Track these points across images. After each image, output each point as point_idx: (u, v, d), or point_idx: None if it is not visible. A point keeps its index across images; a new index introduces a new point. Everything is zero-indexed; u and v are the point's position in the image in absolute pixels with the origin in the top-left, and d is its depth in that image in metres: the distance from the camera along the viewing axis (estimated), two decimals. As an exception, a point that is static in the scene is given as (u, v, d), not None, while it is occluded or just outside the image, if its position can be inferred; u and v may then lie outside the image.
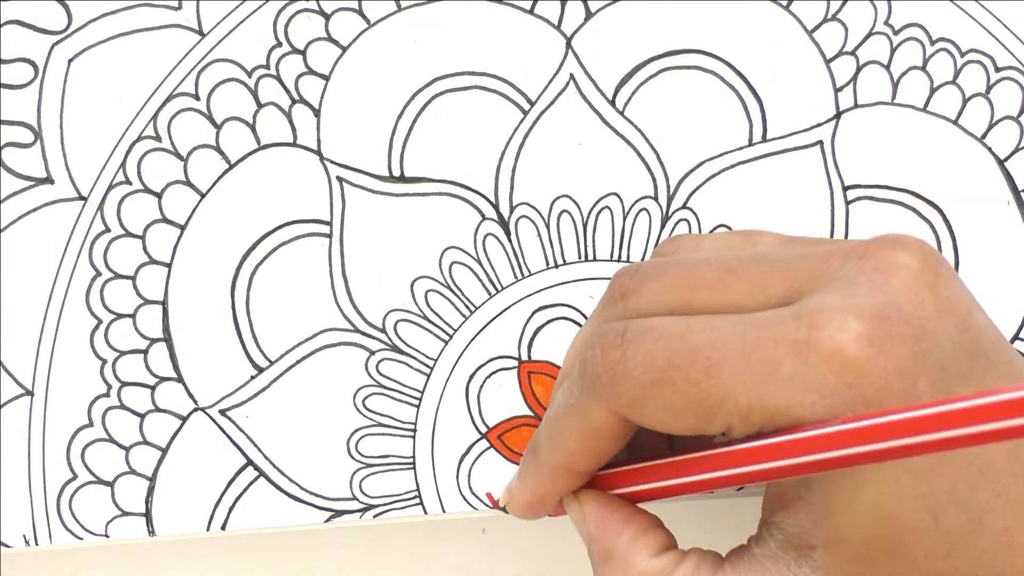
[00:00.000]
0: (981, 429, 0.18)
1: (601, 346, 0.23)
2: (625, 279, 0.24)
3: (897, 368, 0.20)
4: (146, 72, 0.29)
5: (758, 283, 0.22)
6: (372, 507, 0.30)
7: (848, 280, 0.21)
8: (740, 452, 0.21)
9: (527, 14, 0.30)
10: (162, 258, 0.30)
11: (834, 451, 0.20)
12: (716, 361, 0.21)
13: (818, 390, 0.20)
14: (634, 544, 0.24)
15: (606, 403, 0.23)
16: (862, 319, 0.20)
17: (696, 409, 0.21)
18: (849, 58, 0.31)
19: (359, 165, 0.30)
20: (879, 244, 0.22)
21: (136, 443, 0.30)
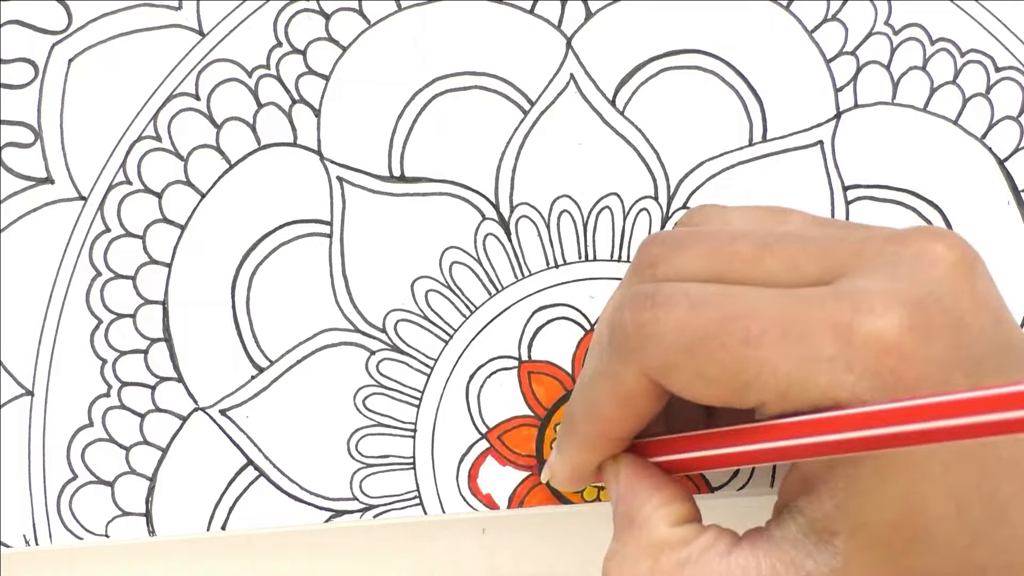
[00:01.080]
0: (1018, 415, 0.18)
1: (631, 307, 0.22)
2: (655, 247, 0.24)
3: (936, 357, 0.20)
4: (146, 72, 0.29)
5: (793, 261, 0.22)
6: (372, 507, 0.30)
7: (889, 265, 0.21)
8: (780, 426, 0.21)
9: (527, 14, 0.30)
10: (162, 258, 0.30)
11: (875, 430, 0.19)
12: (755, 332, 0.20)
13: (860, 372, 0.20)
14: (657, 512, 0.24)
15: (637, 366, 0.22)
16: (904, 306, 0.20)
17: (731, 381, 0.21)
18: (849, 58, 0.31)
19: (359, 165, 0.30)
20: (918, 233, 0.22)
21: (136, 443, 0.30)
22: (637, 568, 0.23)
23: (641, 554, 0.24)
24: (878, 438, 0.20)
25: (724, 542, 0.23)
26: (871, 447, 0.20)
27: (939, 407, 0.19)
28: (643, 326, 0.22)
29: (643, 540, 0.24)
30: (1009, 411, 0.18)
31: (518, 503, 0.30)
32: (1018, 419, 0.18)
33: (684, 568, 0.23)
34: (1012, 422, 0.18)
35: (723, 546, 0.23)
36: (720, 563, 0.22)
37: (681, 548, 0.23)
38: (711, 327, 0.21)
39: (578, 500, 0.30)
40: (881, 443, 0.20)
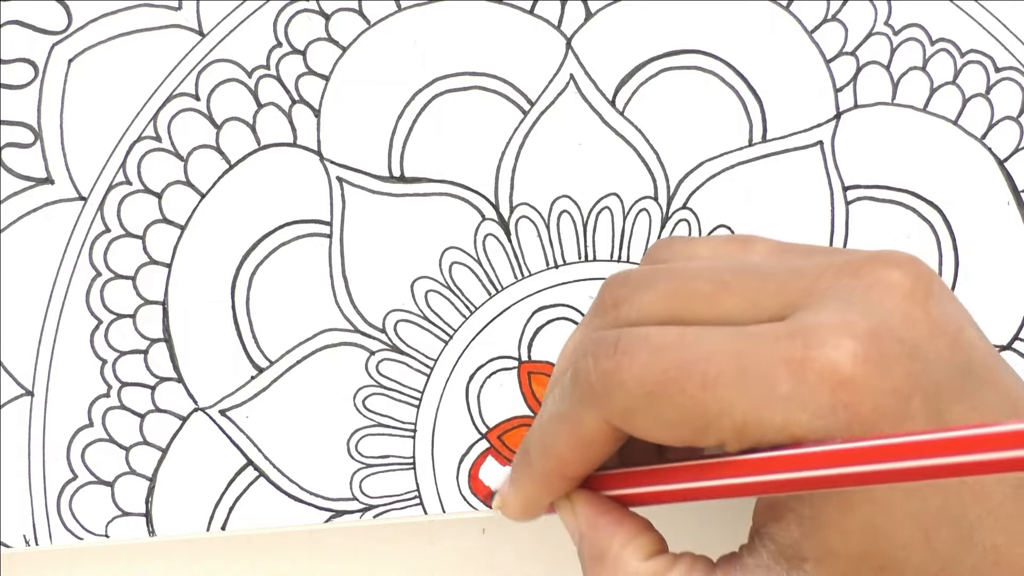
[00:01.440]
0: (979, 459, 0.18)
1: (594, 355, 0.23)
2: (616, 287, 0.24)
3: (892, 387, 0.20)
4: (146, 72, 0.29)
5: (751, 298, 0.22)
6: (372, 507, 0.30)
7: (841, 298, 0.21)
8: (736, 463, 0.21)
9: (527, 14, 0.30)
10: (162, 258, 0.30)
11: (829, 469, 0.20)
12: (712, 376, 0.21)
13: (814, 409, 0.20)
14: (626, 547, 0.24)
15: (599, 412, 0.23)
16: (857, 338, 0.20)
17: (691, 423, 0.21)
18: (849, 58, 0.31)
19: (359, 165, 0.30)
20: (872, 262, 0.22)
21: (136, 443, 0.30)
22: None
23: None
24: (829, 478, 0.20)
25: (698, 571, 0.23)
26: (822, 486, 0.20)
27: (892, 448, 0.19)
28: (606, 374, 0.22)
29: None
30: (966, 454, 0.18)
31: (518, 503, 0.30)
32: (977, 463, 0.18)
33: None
34: (971, 465, 0.18)
35: (697, 575, 0.23)
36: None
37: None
38: (670, 373, 0.21)
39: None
40: (832, 482, 0.20)
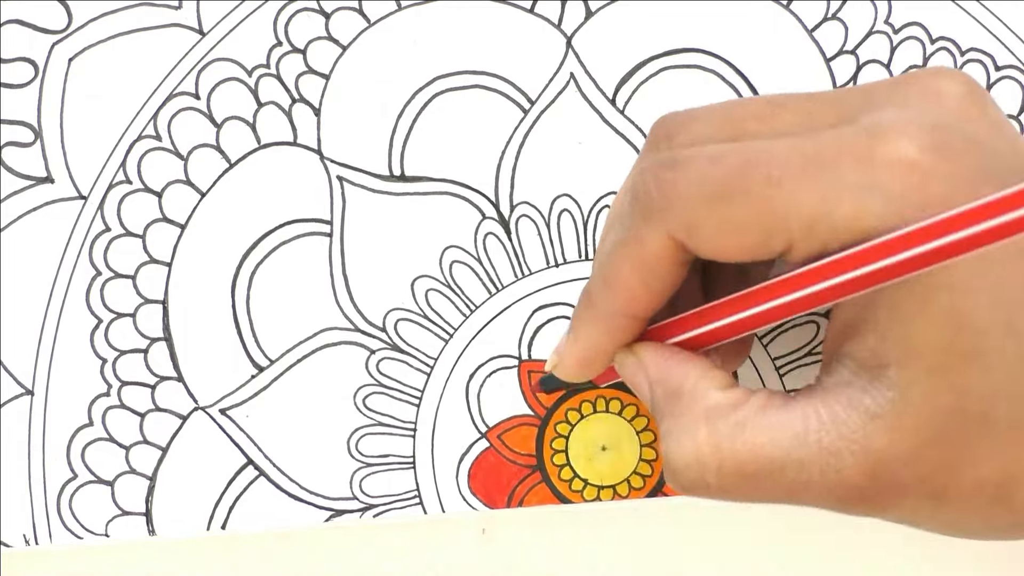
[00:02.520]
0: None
1: (653, 170, 0.22)
2: (667, 121, 0.24)
3: (962, 174, 0.20)
4: (146, 71, 0.29)
5: (807, 111, 0.22)
6: (372, 507, 0.30)
7: (899, 103, 0.21)
8: (816, 270, 0.21)
9: (527, 13, 0.30)
10: (162, 257, 0.30)
11: (909, 251, 0.19)
12: (776, 174, 0.20)
13: (885, 195, 0.20)
14: (701, 382, 0.24)
15: (662, 226, 0.22)
16: (922, 128, 0.20)
17: (757, 225, 0.21)
18: (849, 57, 0.31)
19: (359, 164, 0.30)
20: (922, 73, 0.22)
21: (136, 442, 0.30)
22: (697, 437, 0.23)
23: (697, 423, 0.23)
24: (917, 257, 0.19)
25: (778, 399, 0.23)
26: (913, 268, 0.19)
27: (972, 213, 0.18)
28: (666, 185, 0.22)
29: (695, 410, 0.23)
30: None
31: (518, 503, 0.30)
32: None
33: (745, 427, 0.22)
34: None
35: (778, 401, 0.23)
36: (779, 416, 0.22)
37: (737, 409, 0.23)
38: (732, 176, 0.21)
39: (578, 500, 0.30)
40: (913, 265, 0.19)
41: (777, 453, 0.22)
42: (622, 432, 0.30)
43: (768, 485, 0.22)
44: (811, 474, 0.22)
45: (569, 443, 0.30)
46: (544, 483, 0.30)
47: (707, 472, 0.23)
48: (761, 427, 0.22)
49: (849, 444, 0.21)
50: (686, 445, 0.23)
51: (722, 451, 0.22)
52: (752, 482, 0.22)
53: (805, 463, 0.22)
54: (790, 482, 0.22)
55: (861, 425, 0.21)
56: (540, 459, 0.30)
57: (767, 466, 0.22)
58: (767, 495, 0.23)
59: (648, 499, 0.30)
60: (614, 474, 0.30)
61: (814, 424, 0.22)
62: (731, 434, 0.22)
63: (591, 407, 0.30)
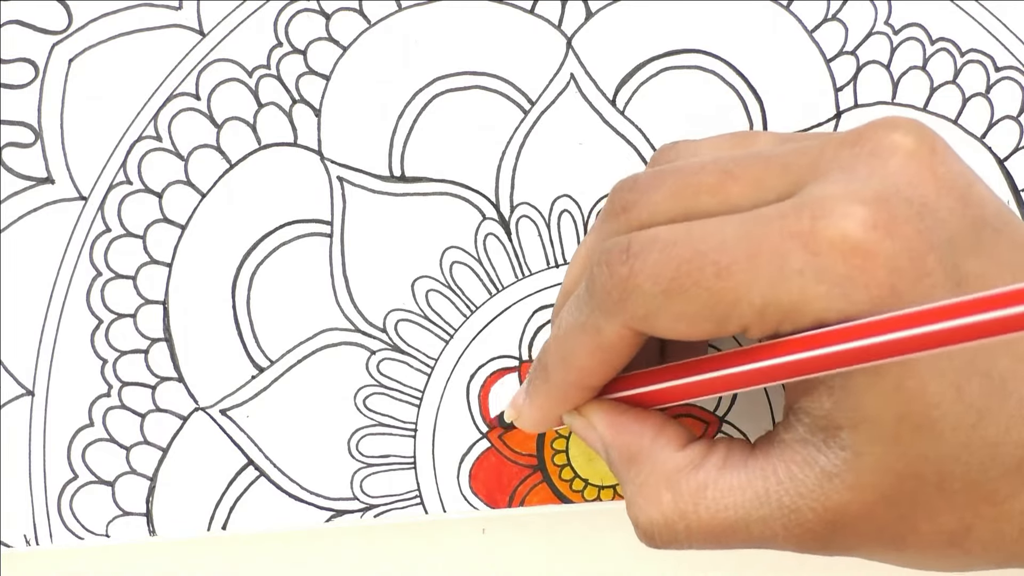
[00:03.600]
0: (999, 315, 0.18)
1: (607, 263, 0.22)
2: (624, 192, 0.24)
3: (905, 248, 0.20)
4: (146, 72, 0.29)
5: (756, 181, 0.22)
6: (373, 507, 0.30)
7: (845, 168, 0.21)
8: (759, 349, 0.21)
9: (527, 14, 0.30)
10: (163, 258, 0.30)
11: (852, 343, 0.19)
12: (724, 263, 0.21)
13: (830, 280, 0.20)
14: (657, 440, 0.24)
15: (618, 319, 0.22)
16: (864, 204, 0.20)
17: (710, 314, 0.21)
18: (849, 58, 0.31)
19: (360, 165, 0.30)
20: (873, 128, 0.22)
21: (137, 443, 0.30)
22: (662, 504, 0.23)
23: (659, 489, 0.24)
24: (853, 352, 0.20)
25: (737, 454, 0.23)
26: (847, 363, 0.20)
27: (909, 318, 0.19)
28: (621, 280, 0.22)
29: (655, 474, 0.24)
30: (986, 312, 0.18)
31: (518, 503, 0.30)
32: (998, 319, 0.18)
33: (706, 490, 0.23)
34: (993, 322, 0.18)
35: (737, 458, 0.23)
36: (740, 476, 0.23)
37: (696, 471, 0.23)
38: (683, 267, 0.21)
39: (578, 500, 0.30)
40: (857, 357, 0.20)
41: (741, 514, 0.23)
42: (622, 432, 0.30)
43: (736, 539, 0.23)
44: (775, 529, 0.22)
45: (570, 443, 0.30)
46: (545, 483, 0.30)
47: (677, 535, 0.23)
48: (723, 490, 0.23)
49: (809, 502, 0.22)
50: (652, 513, 0.24)
51: (687, 516, 0.23)
52: (721, 538, 0.23)
53: (768, 520, 0.22)
54: (756, 536, 0.23)
55: (818, 484, 0.22)
56: (541, 459, 0.30)
57: (732, 526, 0.23)
58: (736, 547, 0.23)
59: (648, 499, 0.30)
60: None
61: (773, 484, 0.22)
62: (694, 498, 0.23)
63: (591, 407, 0.30)
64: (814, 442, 0.22)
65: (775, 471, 0.22)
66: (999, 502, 0.21)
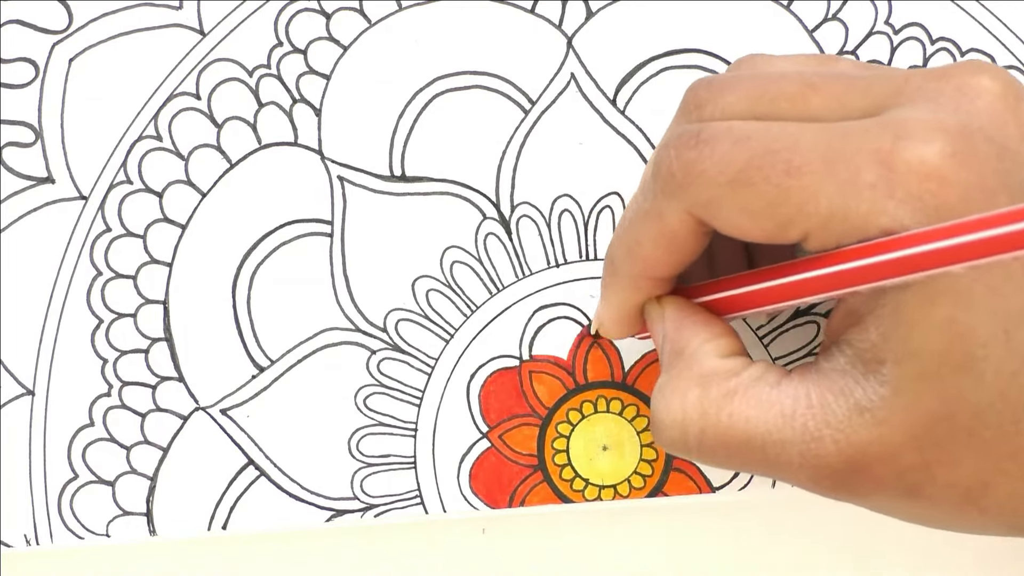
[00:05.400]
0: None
1: (676, 146, 0.22)
2: (699, 90, 0.24)
3: (979, 182, 0.20)
4: (147, 71, 0.29)
5: (838, 98, 0.22)
6: (373, 507, 0.30)
7: (931, 99, 0.21)
8: (824, 257, 0.21)
9: (528, 13, 0.30)
10: (163, 257, 0.30)
11: (912, 248, 0.20)
12: (797, 164, 0.21)
13: (900, 197, 0.20)
14: (705, 345, 0.24)
15: (681, 203, 0.22)
16: (947, 133, 0.20)
17: (774, 213, 0.21)
18: (849, 57, 0.31)
19: (360, 164, 0.30)
20: (962, 67, 0.22)
21: (137, 443, 0.30)
22: (687, 398, 0.23)
23: (690, 385, 0.23)
24: (919, 257, 0.20)
25: (773, 374, 0.23)
26: (914, 268, 0.20)
27: (979, 223, 0.19)
28: (688, 163, 0.22)
29: (692, 371, 0.24)
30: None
31: (520, 503, 0.30)
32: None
33: (734, 397, 0.23)
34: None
35: (773, 377, 0.23)
36: (770, 392, 0.22)
37: (730, 378, 0.23)
38: (754, 160, 0.21)
39: (579, 500, 0.30)
40: (923, 263, 0.20)
41: (760, 429, 0.22)
42: (623, 432, 0.30)
43: (747, 458, 0.23)
44: (791, 455, 0.22)
45: (570, 443, 0.30)
46: (545, 483, 0.30)
47: (689, 435, 0.23)
48: (750, 400, 0.23)
49: (833, 432, 0.21)
50: (674, 404, 0.23)
51: (707, 417, 0.23)
52: (732, 452, 0.23)
53: (786, 444, 0.22)
54: (770, 459, 0.22)
55: (848, 416, 0.21)
56: (541, 459, 0.30)
57: (748, 441, 0.22)
58: (745, 467, 0.23)
59: (648, 499, 0.30)
60: (615, 474, 0.30)
61: (802, 407, 0.22)
62: (719, 402, 0.23)
63: (592, 407, 0.30)
64: (853, 374, 0.21)
65: (807, 394, 0.22)
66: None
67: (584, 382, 0.30)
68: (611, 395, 0.30)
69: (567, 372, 0.30)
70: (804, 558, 0.30)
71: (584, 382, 0.30)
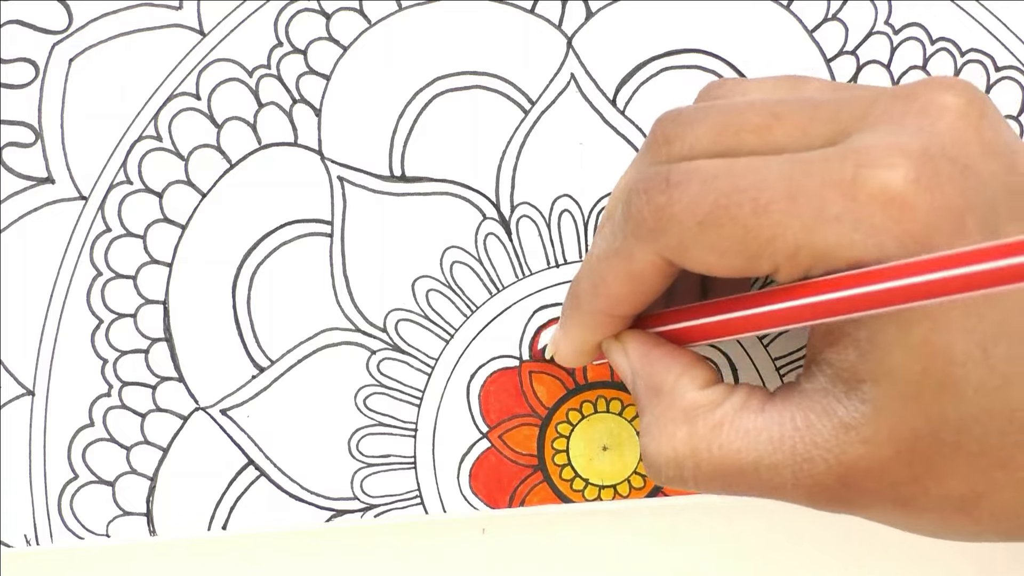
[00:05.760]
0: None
1: (645, 190, 0.22)
2: (667, 124, 0.24)
3: (945, 205, 0.20)
4: (147, 72, 0.29)
5: (803, 126, 0.22)
6: (373, 507, 0.30)
7: (894, 121, 0.21)
8: (790, 289, 0.21)
9: (528, 14, 0.30)
10: (163, 258, 0.30)
11: (879, 284, 0.20)
12: (763, 201, 0.21)
13: (866, 228, 0.20)
14: (682, 378, 0.24)
15: (652, 247, 0.22)
16: (909, 158, 0.20)
17: (743, 250, 0.21)
18: (849, 58, 0.31)
19: (360, 165, 0.30)
20: (925, 86, 0.22)
21: (137, 443, 0.30)
22: (676, 437, 0.23)
23: (676, 423, 0.24)
24: (880, 294, 0.20)
25: (756, 399, 0.23)
26: (874, 305, 0.20)
27: (944, 260, 0.19)
28: (658, 208, 0.22)
29: (674, 408, 0.24)
30: (1018, 256, 0.18)
31: (519, 503, 0.30)
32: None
33: (722, 429, 0.23)
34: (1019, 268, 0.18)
35: (756, 403, 0.23)
36: (756, 420, 0.23)
37: (714, 410, 0.23)
38: (721, 200, 0.21)
39: (579, 500, 0.30)
40: (883, 300, 0.20)
41: (752, 457, 0.23)
42: (623, 432, 0.30)
43: (744, 485, 0.23)
44: (784, 477, 0.22)
45: (570, 443, 0.30)
46: (545, 483, 0.30)
47: (685, 471, 0.23)
48: (738, 431, 0.23)
49: (822, 452, 0.22)
50: (664, 446, 0.24)
51: (699, 453, 0.23)
52: (729, 481, 0.23)
53: (779, 467, 0.22)
54: (765, 483, 0.23)
55: (834, 435, 0.22)
56: (541, 459, 0.30)
57: (742, 470, 0.23)
58: (743, 492, 0.23)
59: (648, 499, 0.30)
60: (615, 474, 0.30)
61: (789, 430, 0.22)
62: (708, 436, 0.23)
63: (592, 407, 0.30)
64: (835, 393, 0.22)
65: (792, 418, 0.22)
66: (1014, 469, 0.21)
67: (584, 382, 0.30)
68: (611, 395, 0.30)
69: (567, 372, 0.30)
70: (804, 558, 0.30)
71: (584, 382, 0.30)
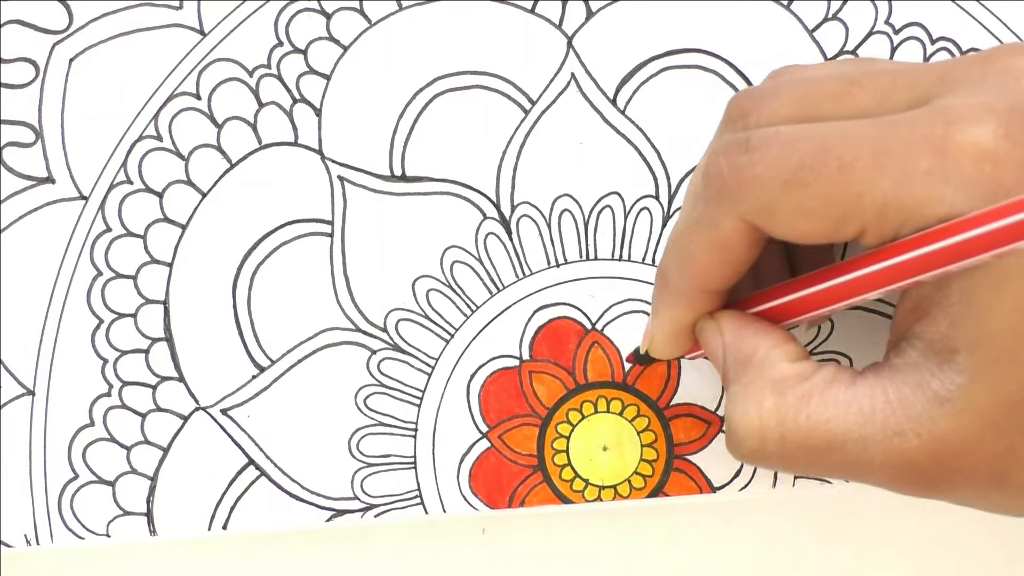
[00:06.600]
0: None
1: (726, 153, 0.22)
2: (742, 100, 0.24)
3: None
4: (147, 71, 0.29)
5: (884, 92, 0.22)
6: (373, 507, 0.30)
7: (976, 83, 0.21)
8: (886, 249, 0.21)
9: (528, 13, 0.30)
10: (163, 257, 0.30)
11: (978, 229, 0.19)
12: (849, 159, 0.20)
13: (957, 182, 0.20)
14: (773, 351, 0.24)
15: (735, 210, 0.22)
16: (997, 114, 0.20)
17: (830, 210, 0.21)
18: (850, 57, 0.31)
19: (360, 164, 0.30)
20: (1003, 50, 0.22)
21: (137, 443, 0.30)
22: (763, 406, 0.23)
23: (764, 392, 0.23)
24: (982, 238, 0.19)
25: (846, 374, 0.23)
26: (979, 250, 0.20)
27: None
28: (740, 169, 0.22)
29: (764, 378, 0.23)
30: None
31: (519, 503, 0.30)
32: None
33: (810, 400, 0.23)
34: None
35: (846, 377, 0.23)
36: (846, 393, 0.22)
37: (804, 382, 0.23)
38: (805, 160, 0.21)
39: (578, 500, 0.30)
40: (987, 244, 0.19)
41: (840, 429, 0.22)
42: (623, 432, 0.30)
43: (828, 460, 0.22)
44: (873, 454, 0.22)
45: (570, 443, 0.30)
46: (545, 483, 0.30)
47: (769, 442, 0.23)
48: (827, 402, 0.22)
49: (915, 426, 0.21)
50: (751, 413, 0.23)
51: (786, 423, 0.23)
52: (813, 455, 0.23)
53: (868, 442, 0.22)
54: (851, 459, 0.22)
55: (927, 408, 0.21)
56: (541, 459, 0.30)
57: (829, 442, 0.22)
58: (826, 470, 0.23)
59: (648, 499, 0.30)
60: (615, 474, 0.30)
61: (880, 404, 0.22)
62: (796, 406, 0.23)
63: (592, 407, 0.30)
64: (927, 366, 0.21)
65: (884, 391, 0.22)
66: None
67: (584, 382, 0.30)
68: (611, 395, 0.30)
69: (567, 372, 0.30)
70: (804, 558, 0.30)
71: (584, 382, 0.30)
